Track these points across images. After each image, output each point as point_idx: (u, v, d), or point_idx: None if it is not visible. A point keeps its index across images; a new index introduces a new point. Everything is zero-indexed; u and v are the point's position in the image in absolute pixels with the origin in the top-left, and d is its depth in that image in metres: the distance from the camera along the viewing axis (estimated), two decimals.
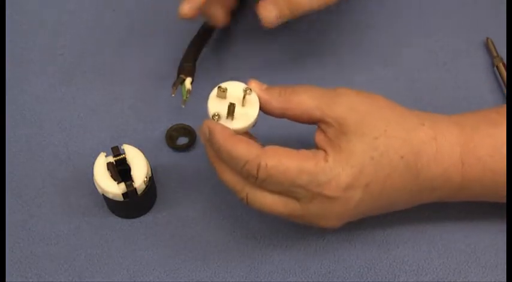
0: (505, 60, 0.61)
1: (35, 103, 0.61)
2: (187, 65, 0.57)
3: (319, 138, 0.48)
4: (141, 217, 0.55)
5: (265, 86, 0.49)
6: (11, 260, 0.53)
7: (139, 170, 0.52)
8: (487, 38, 0.63)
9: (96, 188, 0.52)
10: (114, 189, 0.51)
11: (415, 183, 0.47)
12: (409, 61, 0.63)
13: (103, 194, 0.52)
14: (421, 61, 0.63)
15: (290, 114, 0.48)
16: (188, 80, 0.56)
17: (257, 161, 0.45)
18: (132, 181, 0.51)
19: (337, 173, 0.45)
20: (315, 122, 0.48)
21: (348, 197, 0.45)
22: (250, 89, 0.48)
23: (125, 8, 0.67)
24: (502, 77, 0.61)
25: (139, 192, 0.52)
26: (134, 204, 0.53)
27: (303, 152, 0.46)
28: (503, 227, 0.53)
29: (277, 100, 0.48)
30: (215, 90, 0.48)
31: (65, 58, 0.64)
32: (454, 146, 0.47)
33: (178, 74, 0.57)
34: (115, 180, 0.51)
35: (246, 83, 0.49)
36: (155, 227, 0.54)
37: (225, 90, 0.48)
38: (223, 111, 0.48)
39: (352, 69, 0.62)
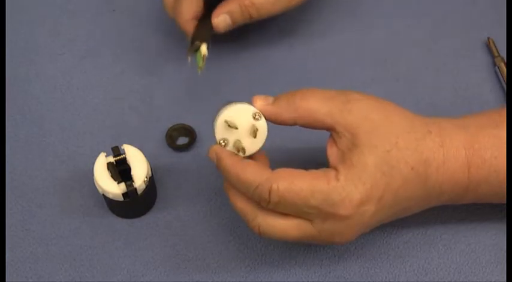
0: (505, 60, 0.61)
1: (35, 103, 0.61)
2: (202, 30, 0.55)
3: (331, 151, 0.47)
4: (141, 217, 0.55)
5: (271, 99, 0.48)
6: (11, 260, 0.53)
7: (140, 170, 0.52)
8: (488, 38, 0.63)
9: (96, 188, 0.52)
10: (114, 189, 0.51)
11: (424, 188, 0.47)
12: (409, 61, 0.63)
13: (103, 194, 0.52)
14: (421, 61, 0.63)
15: (302, 123, 0.47)
16: (204, 46, 0.54)
17: (268, 184, 0.44)
18: (132, 181, 0.51)
19: (350, 190, 0.44)
20: (327, 128, 0.47)
21: (361, 212, 0.45)
22: (260, 114, 0.46)
23: (124, 8, 0.67)
24: (503, 77, 0.61)
25: (139, 192, 0.52)
26: (134, 204, 0.53)
27: (313, 172, 0.46)
28: (503, 227, 0.53)
29: (287, 111, 0.47)
30: (221, 120, 0.47)
31: (65, 58, 0.64)
32: (459, 149, 0.47)
33: (192, 41, 0.55)
34: (115, 180, 0.51)
35: (249, 98, 0.47)
36: (155, 227, 0.54)
37: (231, 124, 0.46)
38: (230, 138, 0.47)
39: (352, 69, 0.62)
